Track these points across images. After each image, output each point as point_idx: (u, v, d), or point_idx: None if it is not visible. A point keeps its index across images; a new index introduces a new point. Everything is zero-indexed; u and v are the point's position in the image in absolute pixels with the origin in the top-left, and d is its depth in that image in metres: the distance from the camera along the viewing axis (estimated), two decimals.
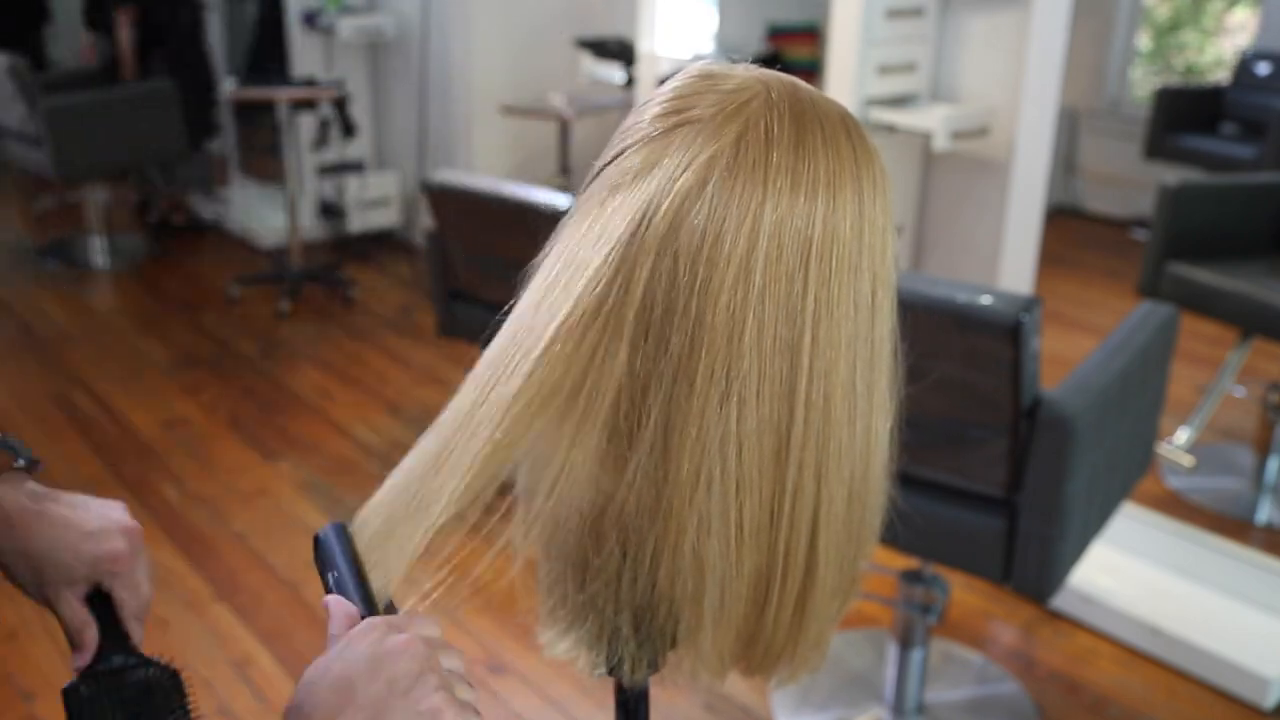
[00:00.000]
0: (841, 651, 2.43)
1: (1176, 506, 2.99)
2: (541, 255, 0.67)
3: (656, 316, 0.62)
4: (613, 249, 0.62)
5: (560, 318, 0.62)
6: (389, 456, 3.25)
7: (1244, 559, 2.67)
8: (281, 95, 4.26)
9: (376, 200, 5.10)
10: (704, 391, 0.62)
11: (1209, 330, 3.60)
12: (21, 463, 0.82)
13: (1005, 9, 3.09)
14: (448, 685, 0.60)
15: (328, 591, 0.67)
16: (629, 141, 0.64)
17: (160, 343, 4.13)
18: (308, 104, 4.45)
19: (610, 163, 0.64)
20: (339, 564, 0.69)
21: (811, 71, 4.31)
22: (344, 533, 0.71)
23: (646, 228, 0.61)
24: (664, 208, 0.61)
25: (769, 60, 4.33)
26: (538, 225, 0.66)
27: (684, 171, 0.61)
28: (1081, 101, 5.90)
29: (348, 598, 0.66)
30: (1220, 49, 6.21)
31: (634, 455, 0.65)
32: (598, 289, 0.62)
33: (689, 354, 0.62)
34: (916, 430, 1.84)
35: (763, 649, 0.71)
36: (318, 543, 0.70)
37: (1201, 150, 5.12)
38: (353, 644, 0.61)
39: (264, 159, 5.49)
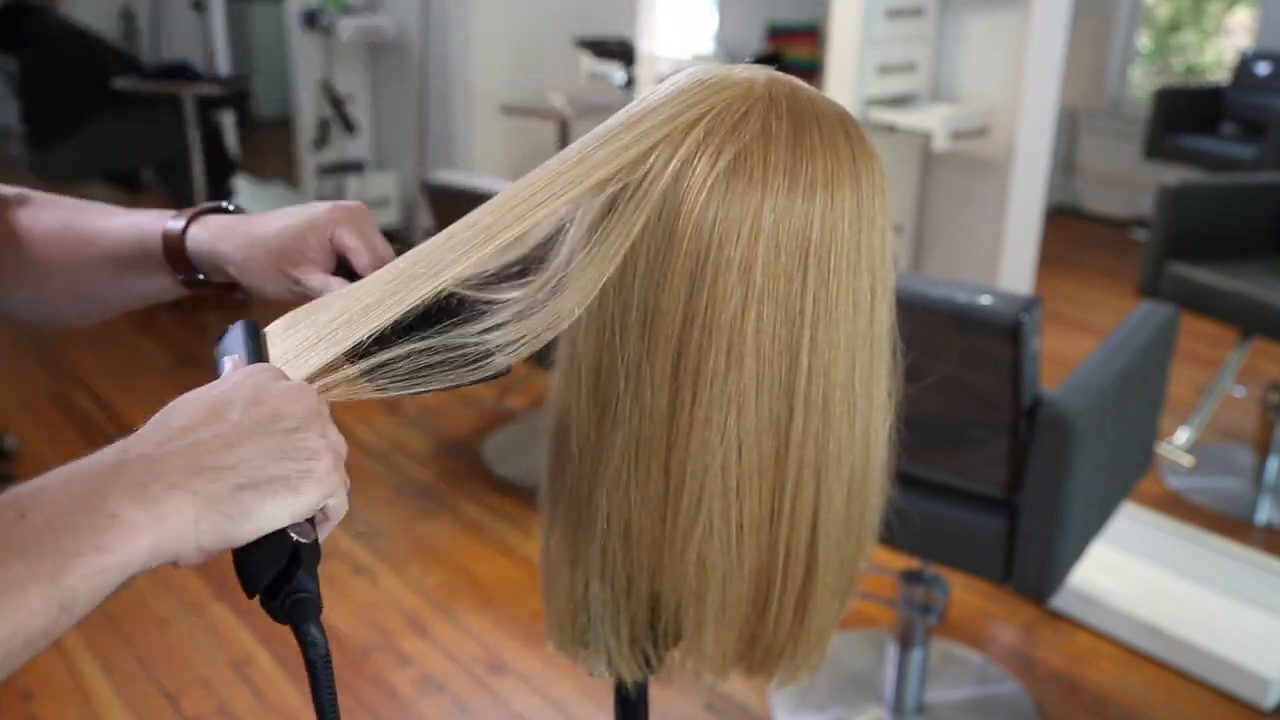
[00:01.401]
0: (841, 651, 2.43)
1: (1176, 506, 2.99)
2: (552, 260, 0.67)
3: (666, 320, 0.62)
4: (626, 255, 0.62)
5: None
6: (389, 456, 3.25)
7: (1244, 559, 2.67)
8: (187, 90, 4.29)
9: (376, 200, 5.10)
10: (707, 391, 0.62)
11: (1209, 330, 3.60)
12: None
13: (1005, 9, 3.09)
14: (335, 447, 0.55)
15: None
16: (634, 145, 0.63)
17: (160, 343, 4.13)
18: (217, 101, 4.46)
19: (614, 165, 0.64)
20: (239, 349, 0.63)
21: (811, 71, 4.30)
22: (256, 328, 0.65)
23: (655, 233, 0.61)
24: (669, 213, 0.61)
25: (769, 60, 4.34)
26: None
27: (689, 175, 0.61)
28: (1081, 101, 5.90)
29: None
30: (1220, 49, 6.21)
31: (640, 455, 0.65)
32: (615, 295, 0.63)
33: (696, 355, 0.62)
34: (916, 430, 1.84)
35: (764, 648, 0.71)
36: (223, 333, 0.65)
37: (1201, 150, 5.11)
38: (242, 377, 0.56)
39: (265, 159, 5.49)
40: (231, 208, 0.79)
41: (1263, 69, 5.19)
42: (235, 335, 0.65)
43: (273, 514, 0.52)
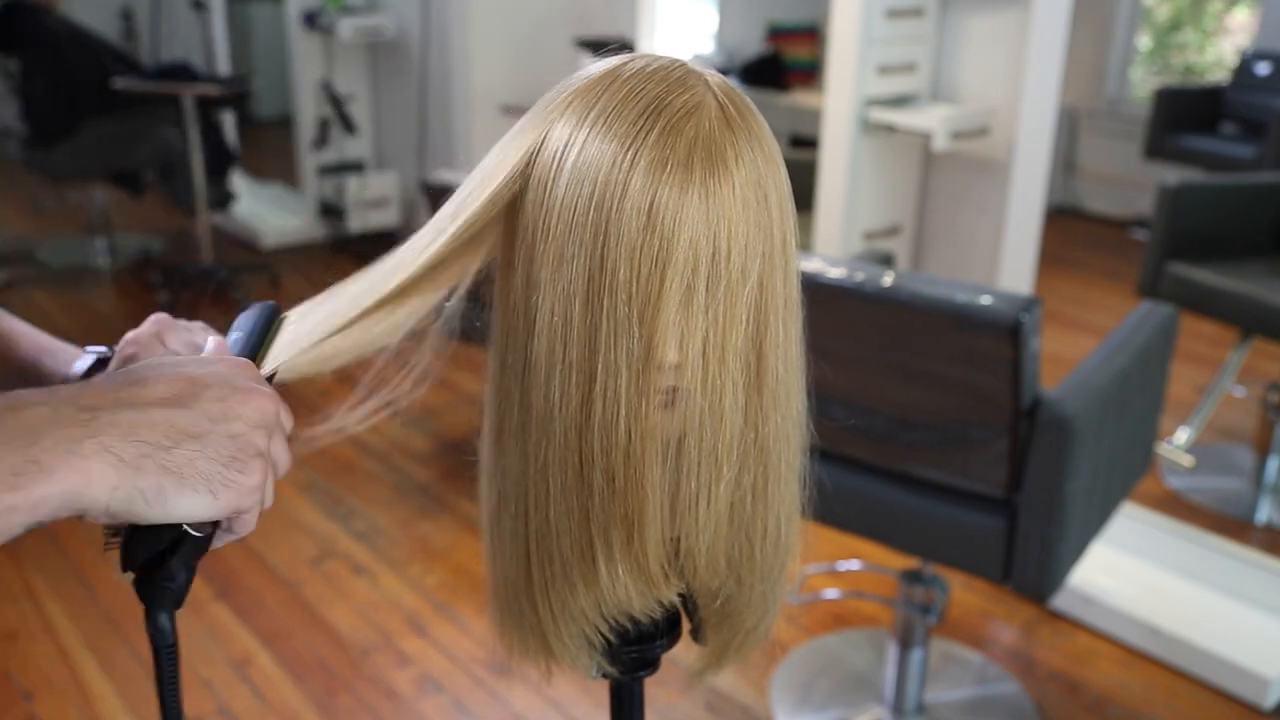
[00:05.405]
0: (841, 651, 2.43)
1: (1176, 506, 2.99)
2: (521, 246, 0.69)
3: (643, 315, 0.61)
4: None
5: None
6: (389, 456, 3.25)
7: (1244, 559, 2.67)
8: (185, 90, 4.29)
9: (376, 200, 5.10)
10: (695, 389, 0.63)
11: (1209, 330, 3.60)
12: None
13: (1005, 9, 3.10)
14: (275, 463, 0.58)
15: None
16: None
17: None
18: (216, 101, 4.46)
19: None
20: (247, 327, 0.69)
21: (811, 71, 4.31)
22: (274, 312, 0.70)
23: (639, 237, 0.60)
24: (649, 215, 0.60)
25: (769, 60, 4.33)
26: None
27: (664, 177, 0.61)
28: (1081, 101, 5.90)
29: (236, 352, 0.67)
30: (1220, 49, 6.21)
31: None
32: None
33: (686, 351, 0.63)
34: (916, 430, 1.85)
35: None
36: (246, 307, 0.71)
37: (1201, 150, 5.12)
38: (223, 368, 0.58)
39: (265, 159, 5.49)
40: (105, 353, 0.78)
41: (1263, 69, 5.19)
42: (252, 315, 0.69)
43: (184, 508, 0.53)
